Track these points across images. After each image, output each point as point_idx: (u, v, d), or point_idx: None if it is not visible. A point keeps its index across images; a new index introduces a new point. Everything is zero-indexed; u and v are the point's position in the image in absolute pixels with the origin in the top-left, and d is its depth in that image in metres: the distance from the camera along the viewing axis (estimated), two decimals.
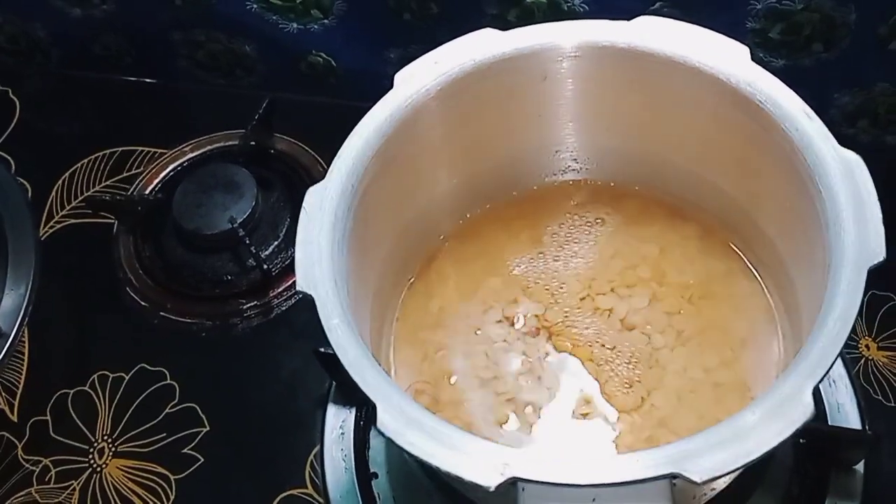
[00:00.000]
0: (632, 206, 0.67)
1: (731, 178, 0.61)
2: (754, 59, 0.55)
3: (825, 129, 0.51)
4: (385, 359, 0.62)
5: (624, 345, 0.61)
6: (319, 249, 0.51)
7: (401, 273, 0.64)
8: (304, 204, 0.53)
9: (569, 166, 0.67)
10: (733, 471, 0.44)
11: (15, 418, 0.73)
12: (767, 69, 0.54)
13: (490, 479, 0.44)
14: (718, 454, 0.44)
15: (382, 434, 0.46)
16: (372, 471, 0.68)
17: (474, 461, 0.44)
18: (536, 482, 0.44)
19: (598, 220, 0.67)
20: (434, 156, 0.61)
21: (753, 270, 0.63)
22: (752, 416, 0.44)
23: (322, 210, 0.53)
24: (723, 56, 0.55)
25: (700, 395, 0.59)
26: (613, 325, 0.62)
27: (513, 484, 0.44)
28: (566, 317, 0.63)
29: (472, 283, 0.65)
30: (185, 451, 0.71)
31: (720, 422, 0.45)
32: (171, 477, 0.70)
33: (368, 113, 0.56)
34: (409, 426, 0.46)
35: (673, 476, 0.43)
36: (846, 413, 0.68)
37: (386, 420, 0.46)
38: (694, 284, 0.63)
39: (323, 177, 0.78)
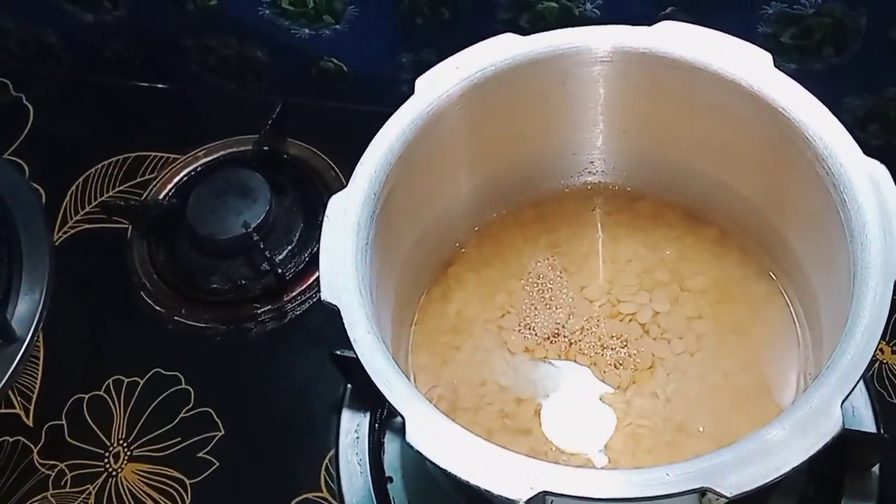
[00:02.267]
0: (648, 209, 0.67)
1: (752, 184, 0.61)
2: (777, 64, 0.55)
3: (849, 136, 0.52)
4: (404, 364, 0.62)
5: (644, 350, 0.61)
6: (343, 258, 0.51)
7: (418, 278, 0.64)
8: (327, 212, 0.53)
9: (586, 170, 0.67)
10: (763, 486, 0.43)
11: (31, 423, 0.73)
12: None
13: (520, 492, 0.44)
14: (748, 469, 0.44)
15: (411, 447, 0.46)
16: (387, 475, 0.68)
17: (503, 475, 0.45)
18: (566, 496, 0.44)
19: (616, 224, 0.67)
20: (454, 161, 0.61)
21: (771, 274, 0.63)
22: (781, 430, 0.45)
23: (345, 218, 0.53)
24: (745, 62, 0.55)
25: (720, 399, 0.59)
26: (634, 331, 0.62)
27: (541, 497, 0.44)
28: (586, 322, 0.63)
29: (489, 288, 0.65)
30: (200, 455, 0.71)
31: (748, 435, 0.45)
32: (187, 481, 0.70)
33: (390, 119, 0.56)
34: (437, 439, 0.46)
35: (703, 490, 0.43)
36: (861, 416, 0.68)
37: (415, 433, 0.46)
38: (712, 288, 0.63)
39: (336, 182, 0.82)
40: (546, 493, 0.44)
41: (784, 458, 0.44)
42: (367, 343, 0.49)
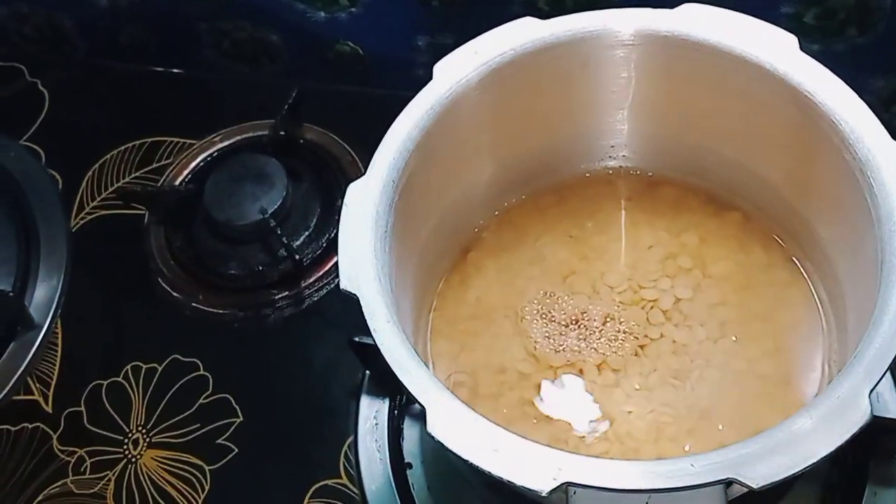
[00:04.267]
0: (670, 194, 0.66)
1: (776, 168, 0.60)
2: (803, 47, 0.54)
3: (877, 120, 0.51)
4: (423, 351, 0.61)
5: (666, 337, 0.61)
6: (362, 247, 0.51)
7: (437, 265, 0.64)
8: (345, 200, 0.53)
9: (607, 154, 0.66)
10: (790, 477, 0.43)
11: (50, 409, 0.73)
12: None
13: (543, 483, 0.44)
14: (775, 459, 0.43)
15: (432, 438, 0.45)
16: (406, 461, 0.67)
17: (526, 466, 0.44)
18: (590, 487, 0.43)
19: (637, 209, 0.66)
20: (473, 147, 0.61)
21: (795, 260, 0.62)
22: (808, 419, 0.44)
23: (364, 206, 0.52)
24: (770, 45, 0.54)
25: (743, 387, 0.59)
26: (656, 318, 0.61)
27: (564, 488, 0.44)
28: (607, 308, 0.62)
29: (509, 274, 0.64)
30: (219, 441, 0.70)
31: (775, 426, 0.44)
32: (206, 467, 0.69)
33: (408, 106, 0.55)
34: (459, 430, 0.45)
35: (729, 482, 0.43)
36: (886, 402, 0.67)
37: (437, 424, 0.45)
38: (735, 274, 0.62)
39: (352, 166, 0.82)
40: (569, 483, 0.44)
41: (811, 448, 0.44)
42: (387, 333, 0.48)
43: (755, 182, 0.62)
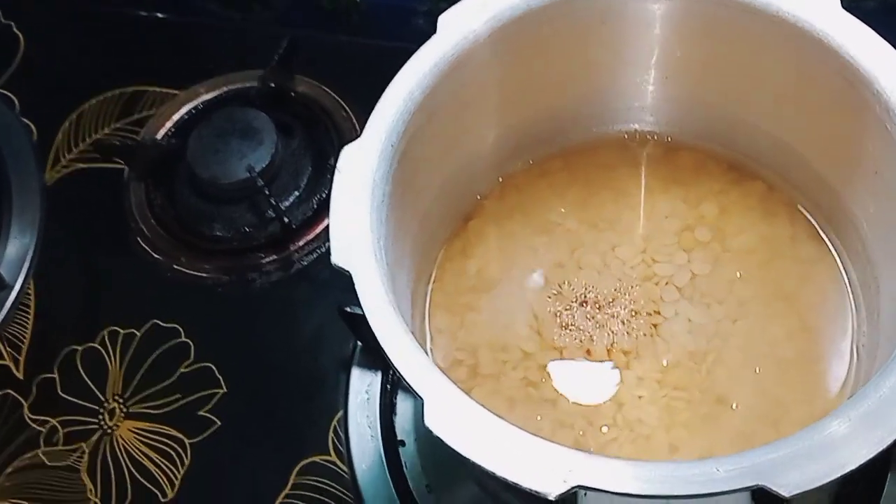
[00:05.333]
0: (689, 161, 0.62)
1: (807, 137, 0.56)
2: (845, 4, 0.49)
3: None
4: (420, 326, 0.58)
5: (681, 316, 0.57)
6: (357, 218, 0.47)
7: (436, 234, 0.60)
8: (338, 165, 0.48)
9: (622, 117, 0.62)
10: (825, 484, 0.39)
11: (21, 375, 0.71)
12: (859, 10, 0.48)
13: (552, 487, 0.40)
14: (809, 465, 0.39)
15: (431, 432, 0.42)
16: (399, 438, 0.65)
17: (534, 466, 0.40)
18: (604, 492, 0.40)
19: (653, 177, 0.62)
20: (479, 108, 0.57)
21: (823, 235, 0.59)
22: (847, 422, 0.40)
23: (359, 173, 0.48)
24: (809, 3, 0.50)
25: (763, 370, 0.55)
26: (670, 295, 0.58)
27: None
28: (618, 283, 0.58)
29: (513, 244, 0.61)
30: (200, 413, 0.68)
31: (807, 427, 0.41)
32: (186, 440, 0.67)
33: (409, 62, 0.51)
34: (461, 424, 0.42)
35: (758, 489, 0.39)
36: None
37: (435, 417, 0.42)
38: (757, 249, 0.59)
39: (346, 122, 0.78)
40: (581, 487, 0.40)
41: (849, 453, 0.40)
42: (384, 315, 0.45)
43: (782, 150, 0.58)
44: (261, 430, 0.68)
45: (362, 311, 0.45)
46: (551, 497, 0.40)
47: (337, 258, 0.46)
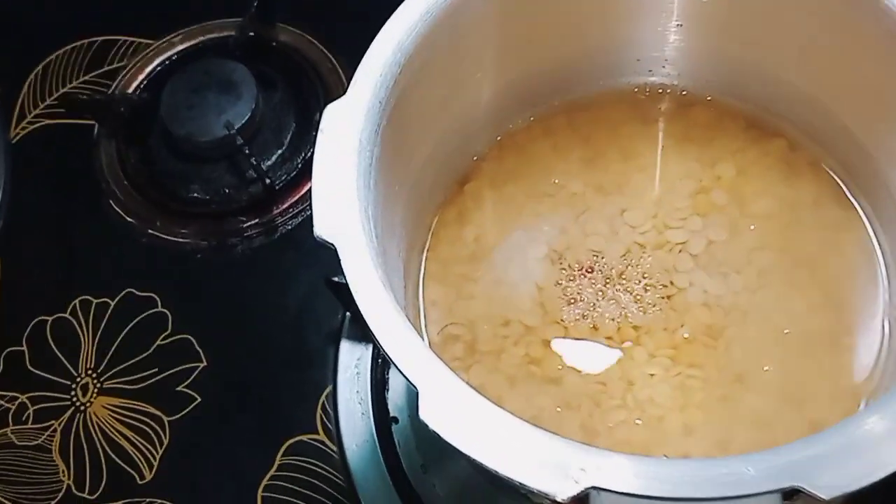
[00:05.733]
0: (704, 116, 0.59)
1: (835, 88, 0.53)
2: None
3: None
4: (413, 300, 0.55)
5: (696, 287, 0.54)
6: (343, 185, 0.43)
7: (430, 199, 0.57)
8: (321, 126, 0.45)
9: (631, 68, 0.59)
10: (866, 485, 0.36)
11: None
12: None
13: (563, 488, 0.36)
14: (848, 465, 0.36)
15: (427, 427, 0.38)
16: (392, 415, 0.62)
17: (542, 464, 0.37)
18: (621, 493, 0.36)
19: (665, 134, 0.59)
20: (476, 60, 0.53)
21: (851, 198, 0.56)
22: (885, 417, 0.37)
23: (345, 134, 0.44)
24: None
25: (785, 346, 0.52)
26: (684, 263, 0.55)
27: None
28: (627, 251, 0.56)
29: (513, 209, 0.58)
30: (179, 388, 0.65)
31: (843, 421, 0.37)
32: (165, 418, 0.65)
33: (398, 9, 0.47)
34: (460, 417, 0.38)
35: (793, 490, 0.35)
36: None
37: (431, 409, 0.38)
38: (778, 213, 0.56)
39: (332, 75, 0.74)
40: (595, 488, 0.36)
41: (890, 452, 0.36)
42: (372, 294, 0.41)
43: (806, 103, 0.55)
44: (243, 407, 0.65)
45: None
46: (562, 499, 0.36)
47: (320, 229, 0.43)
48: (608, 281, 0.55)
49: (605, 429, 0.51)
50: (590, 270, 0.55)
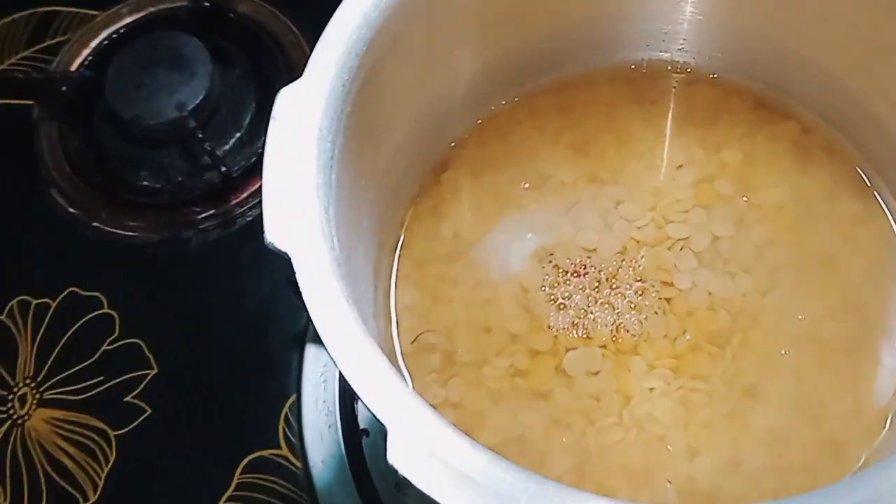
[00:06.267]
0: (708, 96, 0.57)
1: (855, 64, 0.51)
2: None
3: None
4: (383, 304, 0.52)
5: (700, 288, 0.51)
6: (299, 182, 0.39)
7: (402, 190, 0.54)
8: (274, 113, 0.40)
9: (627, 42, 0.56)
10: None
11: None
12: None
13: None
14: None
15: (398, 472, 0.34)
16: (362, 427, 0.59)
17: None
18: None
19: (663, 116, 0.57)
20: (452, 33, 0.50)
21: (872, 188, 0.54)
22: None
23: (301, 123, 0.40)
24: None
25: (798, 354, 0.50)
26: (686, 262, 0.52)
27: None
28: (622, 248, 0.53)
29: (495, 201, 0.55)
30: (127, 399, 0.63)
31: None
32: (111, 432, 0.62)
33: None
34: (437, 460, 0.34)
35: None
36: None
37: (402, 452, 0.34)
38: (790, 205, 0.53)
39: (297, 50, 0.71)
40: None
41: None
42: (334, 313, 0.36)
43: (821, 80, 0.53)
44: (198, 419, 0.63)
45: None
46: None
47: (272, 236, 0.38)
48: (601, 282, 0.52)
49: (599, 449, 0.48)
50: (581, 270, 0.53)
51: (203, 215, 0.67)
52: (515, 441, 0.47)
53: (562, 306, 0.51)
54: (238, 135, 0.68)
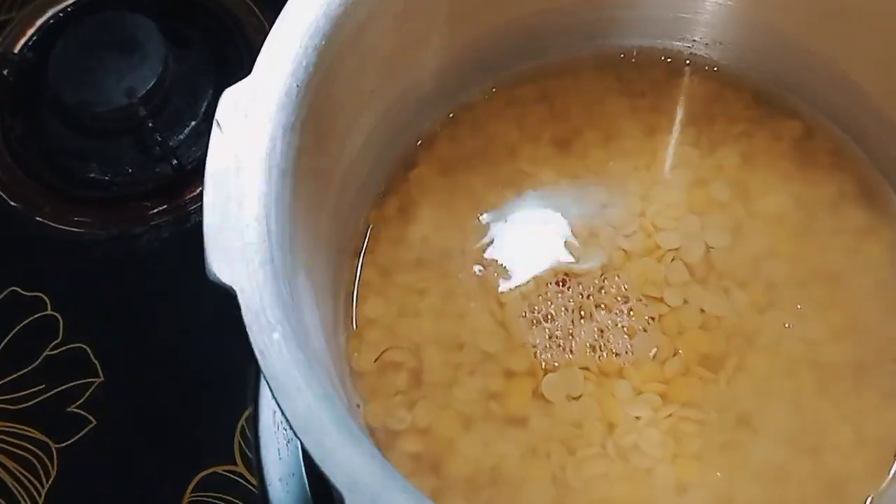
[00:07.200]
0: (702, 90, 0.54)
1: (864, 60, 0.49)
2: None
3: None
4: (344, 317, 0.50)
5: (692, 304, 0.49)
6: (246, 202, 0.36)
7: (366, 188, 0.52)
8: (217, 117, 0.36)
9: (614, 29, 0.54)
10: None
11: None
12: None
13: None
14: None
15: None
16: None
17: None
18: None
19: (654, 111, 0.54)
20: (421, 19, 0.47)
21: (879, 195, 0.52)
22: None
23: (248, 131, 0.36)
24: None
25: (798, 380, 0.48)
26: (677, 275, 0.50)
27: None
28: (609, 260, 0.50)
29: (468, 201, 0.53)
30: (70, 409, 0.61)
31: None
32: (52, 445, 0.60)
33: None
34: None
35: None
36: None
37: None
38: (791, 213, 0.51)
39: (259, 32, 0.68)
40: None
41: None
42: (283, 356, 0.34)
43: (827, 75, 0.51)
44: (147, 432, 0.61)
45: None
46: None
47: (214, 268, 0.35)
48: (585, 297, 0.50)
49: (580, 483, 0.46)
50: (563, 282, 0.50)
51: (154, 211, 0.65)
52: (488, 472, 0.45)
53: (540, 321, 0.49)
54: (193, 124, 0.66)
